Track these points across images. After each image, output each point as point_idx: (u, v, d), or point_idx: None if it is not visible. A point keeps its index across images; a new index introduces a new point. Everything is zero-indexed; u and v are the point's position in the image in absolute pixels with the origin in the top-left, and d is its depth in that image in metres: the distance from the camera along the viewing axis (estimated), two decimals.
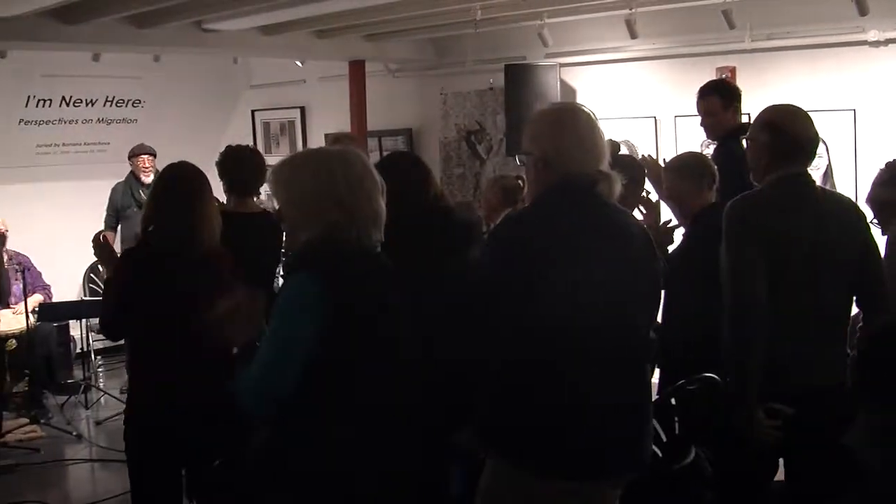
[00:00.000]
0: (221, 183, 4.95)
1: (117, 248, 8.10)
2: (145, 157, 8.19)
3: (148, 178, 8.12)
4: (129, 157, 8.35)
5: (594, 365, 2.84)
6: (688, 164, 4.52)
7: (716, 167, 4.46)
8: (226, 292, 2.86)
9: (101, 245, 4.06)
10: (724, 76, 6.48)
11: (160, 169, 4.29)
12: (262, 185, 5.01)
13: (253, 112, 9.86)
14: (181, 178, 3.94)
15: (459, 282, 3.13)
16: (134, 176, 8.32)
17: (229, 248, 3.99)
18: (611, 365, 2.87)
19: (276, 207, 3.10)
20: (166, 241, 3.81)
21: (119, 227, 8.41)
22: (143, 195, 8.06)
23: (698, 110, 5.23)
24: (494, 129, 8.04)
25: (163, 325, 3.73)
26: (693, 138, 5.35)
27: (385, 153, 7.83)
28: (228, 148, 5.12)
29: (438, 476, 3.51)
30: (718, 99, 5.13)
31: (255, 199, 5.18)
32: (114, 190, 8.42)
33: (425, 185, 3.83)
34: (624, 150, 7.21)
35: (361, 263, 2.75)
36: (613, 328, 2.88)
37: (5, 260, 7.59)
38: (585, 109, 3.03)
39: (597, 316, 2.83)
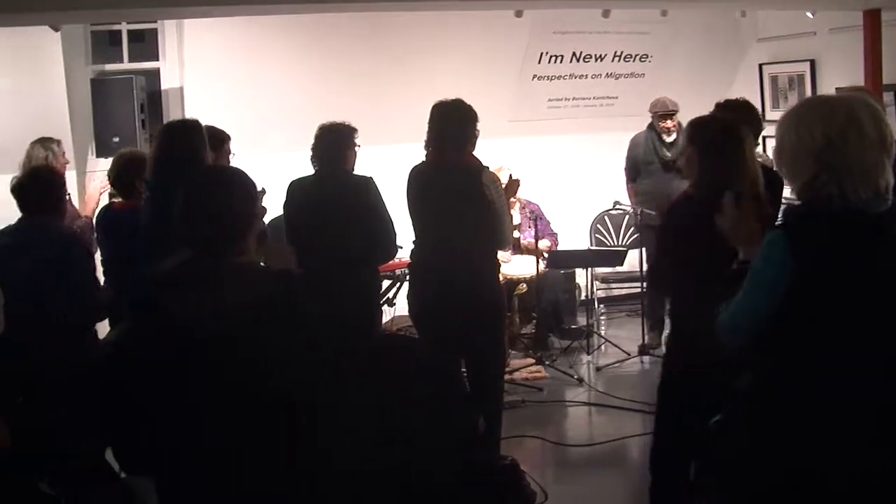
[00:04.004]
0: None
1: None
2: (658, 117, 8.09)
3: (669, 138, 8.00)
4: (651, 111, 8.23)
5: None
6: None
7: None
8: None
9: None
10: None
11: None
12: None
13: (760, 66, 9.52)
14: (717, 130, 4.08)
15: None
16: (655, 130, 8.19)
17: None
18: None
19: None
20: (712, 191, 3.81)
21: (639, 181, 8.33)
22: (666, 153, 8.00)
23: None
24: None
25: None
26: None
27: None
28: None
29: None
30: None
31: None
32: (634, 143, 8.37)
33: None
34: None
35: (840, 225, 2.55)
36: None
37: (518, 208, 8.04)
38: None
39: None
